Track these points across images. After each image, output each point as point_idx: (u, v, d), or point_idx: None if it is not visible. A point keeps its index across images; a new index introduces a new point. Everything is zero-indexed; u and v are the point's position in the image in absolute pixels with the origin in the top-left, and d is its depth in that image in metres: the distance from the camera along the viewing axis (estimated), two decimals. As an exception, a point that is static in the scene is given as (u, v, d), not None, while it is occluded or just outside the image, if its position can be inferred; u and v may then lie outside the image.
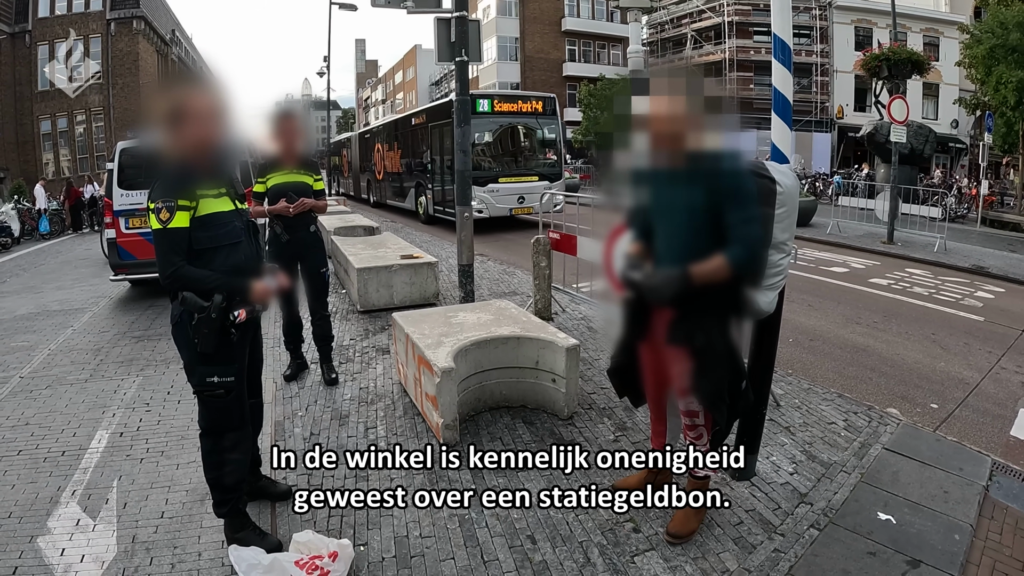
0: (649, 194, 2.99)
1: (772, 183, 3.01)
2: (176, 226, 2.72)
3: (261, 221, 5.12)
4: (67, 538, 3.26)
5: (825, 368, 6.01)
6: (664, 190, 2.88)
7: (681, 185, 2.79)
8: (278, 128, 4.86)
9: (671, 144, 2.79)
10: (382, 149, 23.25)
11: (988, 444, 4.52)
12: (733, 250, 2.67)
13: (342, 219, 12.23)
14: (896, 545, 3.19)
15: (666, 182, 2.86)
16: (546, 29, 45.03)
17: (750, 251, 2.72)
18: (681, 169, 2.79)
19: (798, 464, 3.94)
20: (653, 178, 2.94)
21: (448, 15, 6.63)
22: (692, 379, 2.83)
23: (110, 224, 8.57)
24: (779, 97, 3.60)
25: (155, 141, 2.84)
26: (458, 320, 4.97)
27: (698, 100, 2.73)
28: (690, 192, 2.75)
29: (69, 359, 6.23)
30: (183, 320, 2.80)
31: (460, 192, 7.09)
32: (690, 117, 2.73)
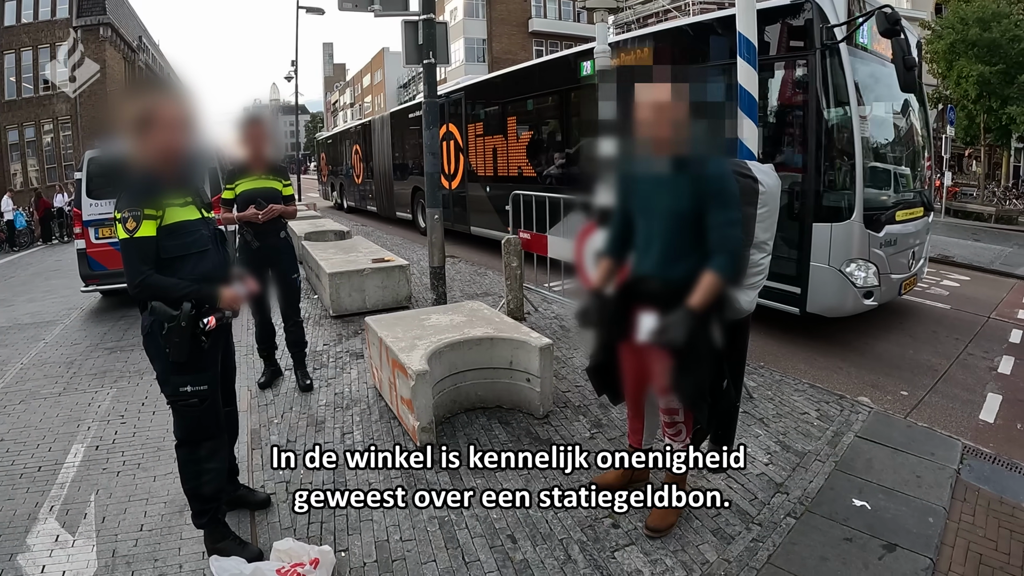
0: (631, 193, 2.99)
1: (755, 182, 3.03)
2: (143, 235, 2.71)
3: (232, 228, 5.08)
4: (47, 555, 3.22)
5: (796, 359, 6.09)
6: (646, 191, 2.88)
7: (663, 186, 2.80)
8: (246, 134, 4.83)
9: (656, 144, 2.77)
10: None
11: (958, 428, 4.61)
12: (719, 260, 2.69)
13: (313, 224, 12.12)
14: (872, 530, 3.25)
15: (648, 183, 2.86)
16: (513, 30, 44.95)
17: (733, 257, 2.74)
18: (664, 170, 2.79)
19: (773, 455, 3.99)
20: (634, 179, 2.95)
21: (415, 18, 6.63)
22: (674, 378, 2.84)
23: (80, 235, 8.45)
24: (745, 95, 3.65)
25: (121, 150, 2.82)
26: (431, 322, 4.97)
27: (685, 99, 2.70)
28: (672, 194, 2.76)
29: (42, 373, 6.14)
30: (154, 330, 2.79)
31: (430, 195, 7.13)
32: (677, 116, 2.71)
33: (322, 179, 30.11)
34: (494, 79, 12.77)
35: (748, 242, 3.03)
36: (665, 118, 2.71)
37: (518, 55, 44.15)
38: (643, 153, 2.84)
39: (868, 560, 3.03)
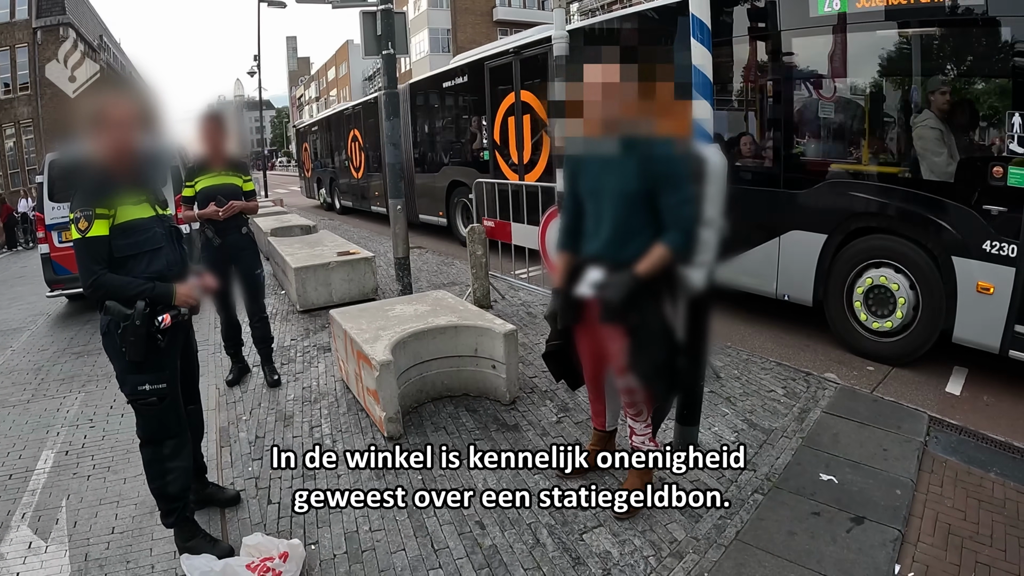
0: (581, 177, 3.00)
1: (702, 162, 3.06)
2: (95, 235, 2.69)
3: (195, 226, 5.04)
4: (21, 561, 3.21)
5: (763, 338, 6.14)
6: (596, 173, 2.90)
7: (613, 168, 2.81)
8: (204, 130, 4.80)
9: (604, 126, 2.80)
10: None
11: (924, 402, 4.66)
12: (671, 235, 2.73)
13: (278, 220, 12.03)
14: (839, 504, 3.29)
15: (598, 165, 2.88)
16: (478, 20, 44.85)
17: (687, 234, 2.78)
18: (613, 152, 2.81)
19: (740, 433, 4.04)
20: (584, 161, 2.96)
21: (374, 8, 6.60)
22: (628, 357, 2.87)
23: (43, 239, 8.32)
24: (700, 76, 3.67)
25: (79, 150, 2.80)
26: (395, 313, 4.96)
27: (634, 79, 2.72)
28: (623, 174, 2.78)
29: (10, 380, 6.07)
30: (110, 329, 2.77)
31: (392, 186, 7.12)
32: (624, 97, 2.74)
33: (305, 173, 25.64)
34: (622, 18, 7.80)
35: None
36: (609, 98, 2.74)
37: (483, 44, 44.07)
38: (589, 135, 2.87)
39: (836, 533, 3.07)
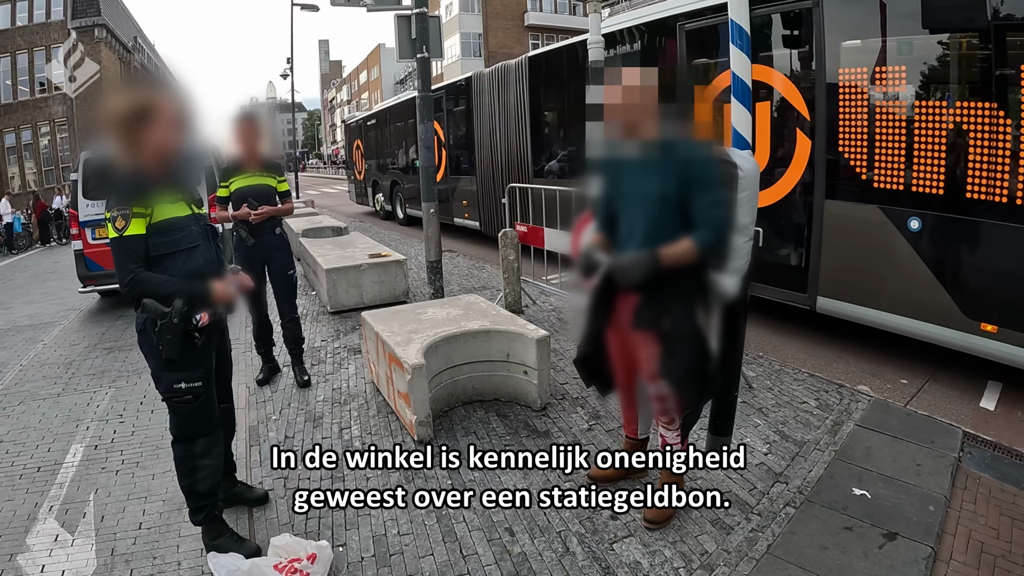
0: (614, 182, 3.00)
1: (734, 168, 3.04)
2: (132, 233, 2.70)
3: (228, 225, 5.08)
4: (47, 554, 3.22)
5: (795, 348, 6.06)
6: (629, 177, 2.89)
7: (646, 172, 2.80)
8: (239, 131, 4.83)
9: (636, 131, 2.81)
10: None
11: (958, 416, 4.57)
12: (701, 233, 2.70)
13: (310, 220, 12.12)
14: (872, 519, 3.23)
15: (631, 170, 2.87)
16: (509, 24, 45.03)
17: (717, 234, 2.75)
18: (646, 156, 2.81)
19: (772, 444, 3.98)
20: (618, 166, 2.96)
21: (408, 12, 6.63)
22: (660, 363, 2.85)
23: (76, 235, 8.45)
24: (738, 82, 3.63)
25: (112, 149, 2.81)
26: (427, 316, 4.95)
27: (662, 86, 2.74)
28: (656, 179, 2.77)
29: (41, 374, 6.15)
30: (147, 327, 2.78)
31: (425, 189, 7.07)
32: (655, 104, 2.74)
33: (356, 175, 21.32)
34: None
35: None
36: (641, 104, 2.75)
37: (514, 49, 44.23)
38: (622, 140, 2.88)
39: (868, 549, 3.01)
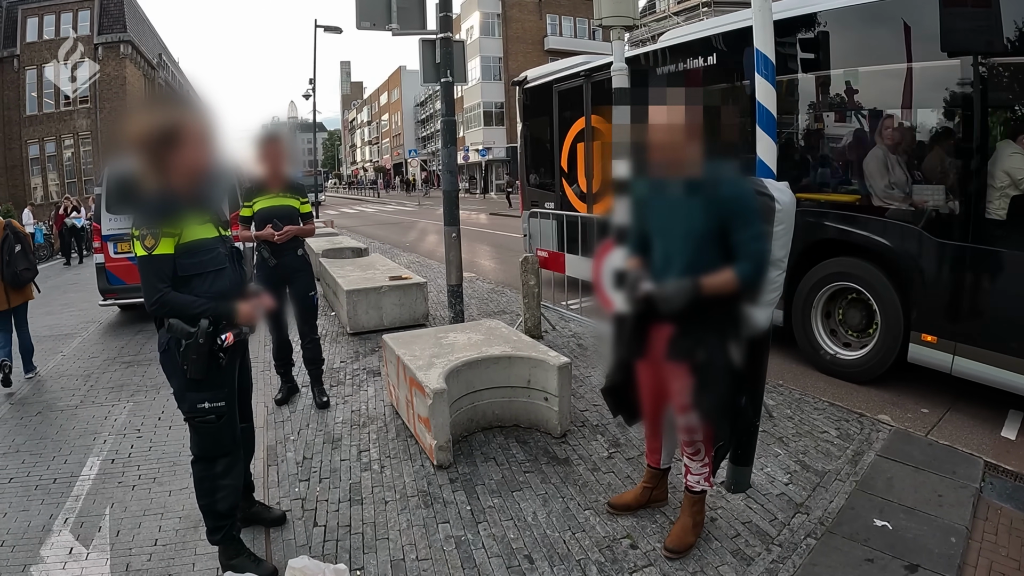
0: (649, 210, 2.99)
1: (771, 200, 3.02)
2: (161, 253, 2.72)
3: (249, 245, 5.11)
4: (60, 567, 3.23)
5: (815, 377, 6.01)
6: (666, 206, 2.88)
7: (685, 202, 2.79)
8: (263, 151, 4.85)
9: (675, 163, 2.79)
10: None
11: (979, 446, 4.52)
12: (743, 266, 2.70)
13: (330, 241, 12.17)
14: (893, 550, 3.19)
15: (670, 201, 2.86)
16: (529, 48, 45.32)
17: (758, 267, 2.76)
18: (686, 188, 2.80)
19: (793, 474, 3.94)
20: (656, 196, 2.94)
21: (433, 36, 6.67)
22: (694, 395, 2.83)
23: (99, 249, 8.53)
24: (763, 112, 3.63)
25: (139, 168, 2.83)
26: (448, 341, 4.95)
27: (703, 118, 2.73)
28: (696, 210, 2.76)
29: (59, 385, 6.20)
30: (171, 347, 2.79)
31: (448, 213, 7.06)
32: (696, 136, 2.73)
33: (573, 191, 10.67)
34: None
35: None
36: (678, 140, 2.73)
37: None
38: (658, 174, 2.87)
39: (890, 582, 2.98)
